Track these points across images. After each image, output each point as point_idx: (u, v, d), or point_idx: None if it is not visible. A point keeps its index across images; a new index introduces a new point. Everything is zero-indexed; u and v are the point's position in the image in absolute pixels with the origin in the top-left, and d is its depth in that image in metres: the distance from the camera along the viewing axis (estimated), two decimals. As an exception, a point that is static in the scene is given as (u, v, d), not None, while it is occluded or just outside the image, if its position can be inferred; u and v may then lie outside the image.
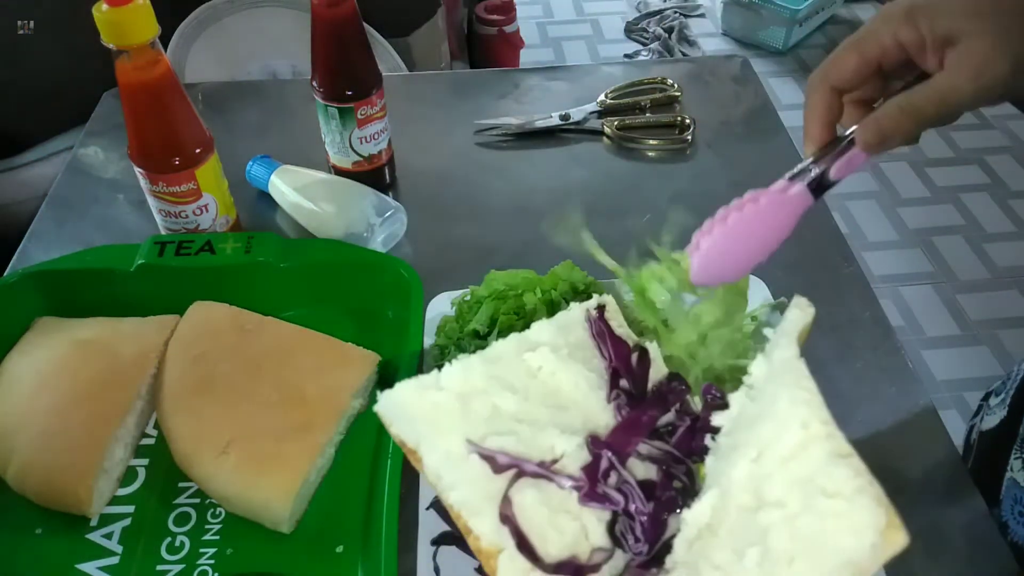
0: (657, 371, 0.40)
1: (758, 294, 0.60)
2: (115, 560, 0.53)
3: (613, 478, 0.33)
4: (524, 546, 0.30)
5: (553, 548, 0.30)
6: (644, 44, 2.56)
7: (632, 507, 0.32)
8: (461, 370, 0.36)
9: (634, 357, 0.40)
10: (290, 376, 0.58)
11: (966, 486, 0.57)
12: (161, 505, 0.56)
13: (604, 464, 0.33)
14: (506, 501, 0.31)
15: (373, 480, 0.55)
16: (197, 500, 0.56)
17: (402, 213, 0.74)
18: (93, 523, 0.55)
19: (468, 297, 0.61)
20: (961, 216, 2.00)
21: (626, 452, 0.34)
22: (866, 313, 0.68)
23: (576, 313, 0.42)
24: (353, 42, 0.71)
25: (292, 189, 0.75)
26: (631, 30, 2.62)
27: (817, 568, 0.24)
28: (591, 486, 0.32)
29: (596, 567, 0.31)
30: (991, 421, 0.72)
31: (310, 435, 0.55)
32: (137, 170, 0.66)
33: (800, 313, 0.33)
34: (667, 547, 0.30)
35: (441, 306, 0.63)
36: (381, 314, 0.65)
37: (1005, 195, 2.06)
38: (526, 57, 2.04)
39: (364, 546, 0.53)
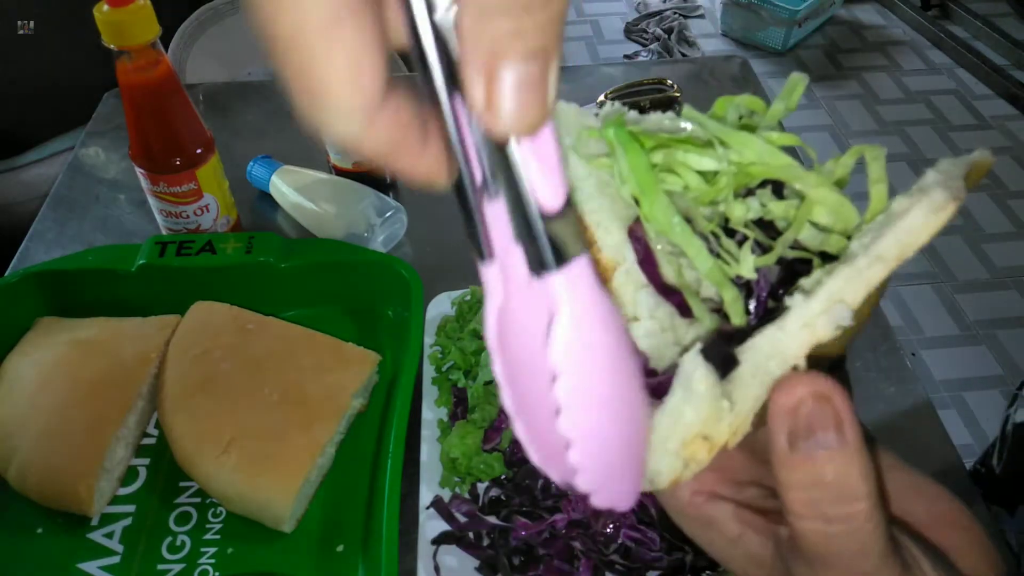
0: None
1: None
2: (116, 559, 0.53)
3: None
4: (647, 263, 0.29)
5: (669, 278, 0.30)
6: (644, 45, 2.56)
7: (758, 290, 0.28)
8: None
9: None
10: (291, 376, 0.58)
11: (964, 486, 0.58)
12: (162, 504, 0.56)
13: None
14: (638, 222, 0.30)
15: (373, 480, 0.55)
16: (198, 499, 0.56)
17: (402, 213, 0.75)
18: (94, 522, 0.55)
19: (468, 297, 0.61)
20: (960, 216, 2.00)
21: None
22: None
23: None
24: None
25: (293, 189, 0.75)
26: (631, 31, 2.62)
27: None
28: None
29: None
30: None
31: (311, 434, 0.55)
32: (138, 170, 0.66)
33: None
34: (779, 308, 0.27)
35: (441, 306, 0.63)
36: (381, 314, 0.66)
37: (1004, 195, 2.06)
38: (526, 57, 2.04)
39: (364, 545, 0.53)
